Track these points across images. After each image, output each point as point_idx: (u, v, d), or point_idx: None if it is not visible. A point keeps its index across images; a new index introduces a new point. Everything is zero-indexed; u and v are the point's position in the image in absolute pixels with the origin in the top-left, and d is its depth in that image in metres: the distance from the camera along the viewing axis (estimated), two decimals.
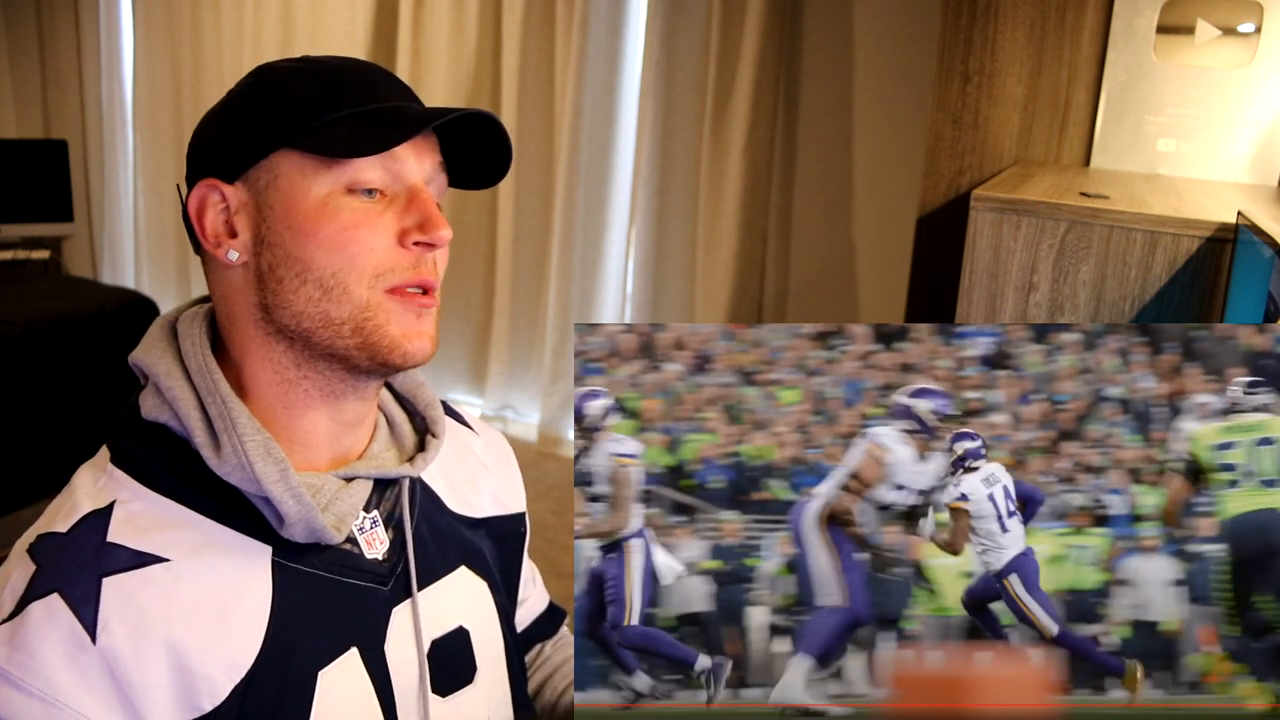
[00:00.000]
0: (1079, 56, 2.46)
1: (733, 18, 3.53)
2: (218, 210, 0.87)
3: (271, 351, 0.88)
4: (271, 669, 0.83)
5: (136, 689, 0.78)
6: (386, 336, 0.86)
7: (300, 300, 0.85)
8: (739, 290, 3.68)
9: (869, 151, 3.52)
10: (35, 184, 4.99)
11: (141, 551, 0.81)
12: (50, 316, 3.53)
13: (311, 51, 0.93)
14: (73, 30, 5.33)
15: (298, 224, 0.84)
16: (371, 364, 0.87)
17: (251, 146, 0.85)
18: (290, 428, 0.89)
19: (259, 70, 0.90)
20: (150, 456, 0.86)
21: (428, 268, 0.87)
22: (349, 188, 0.85)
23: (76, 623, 0.77)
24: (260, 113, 0.86)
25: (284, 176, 0.85)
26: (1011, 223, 1.86)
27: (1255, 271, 1.45)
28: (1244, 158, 2.34)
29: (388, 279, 0.86)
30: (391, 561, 0.93)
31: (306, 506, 0.84)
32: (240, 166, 0.86)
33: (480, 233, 4.35)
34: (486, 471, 1.10)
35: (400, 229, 0.86)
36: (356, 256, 0.84)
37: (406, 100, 0.91)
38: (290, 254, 0.85)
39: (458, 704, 0.97)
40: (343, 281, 0.84)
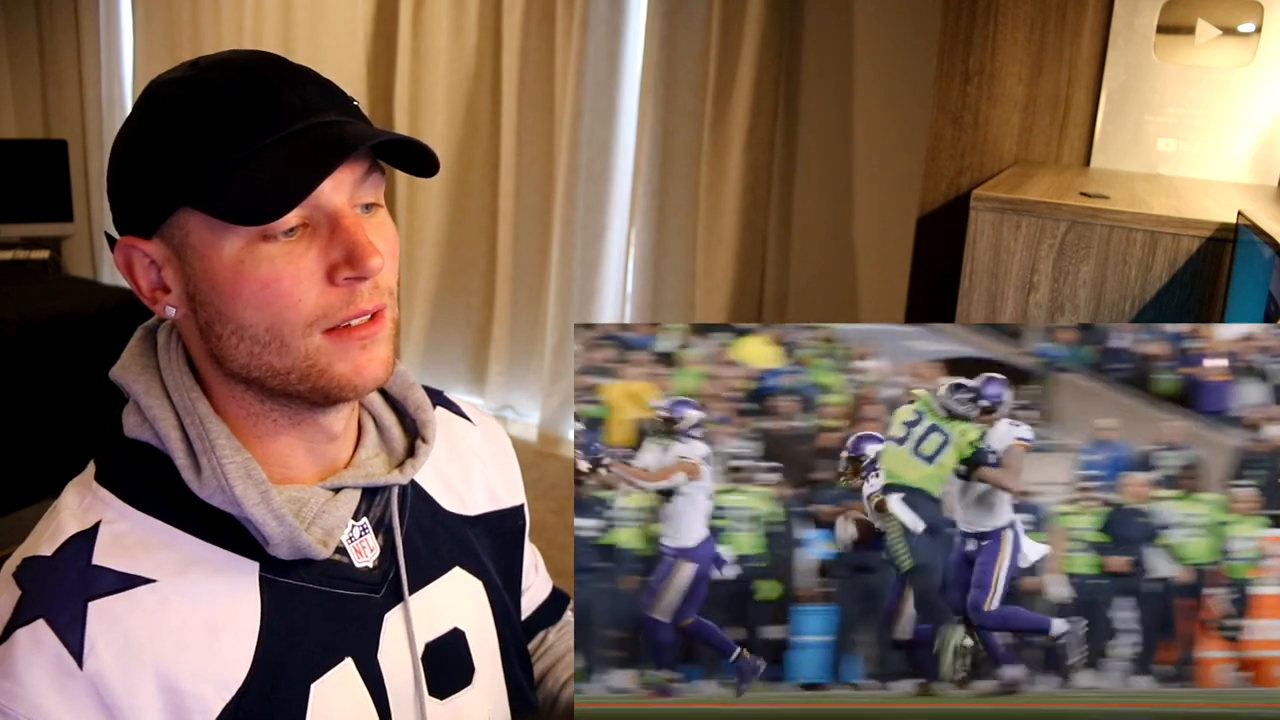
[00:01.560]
0: (1079, 56, 2.46)
1: (733, 18, 3.53)
2: (145, 267, 0.84)
3: (233, 390, 0.86)
4: (263, 685, 0.83)
5: (126, 713, 0.77)
6: (334, 378, 0.83)
7: (243, 355, 0.82)
8: (739, 290, 3.68)
9: (869, 151, 3.52)
10: (35, 184, 4.99)
11: (127, 573, 0.81)
12: (50, 316, 3.53)
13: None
14: (73, 30, 5.33)
15: (219, 284, 0.80)
16: (326, 401, 0.86)
17: (154, 205, 0.81)
18: (265, 451, 0.88)
19: (147, 94, 0.83)
20: (134, 476, 0.85)
21: (364, 298, 0.82)
22: (264, 235, 0.79)
23: (63, 648, 0.77)
24: (154, 165, 0.80)
25: (194, 234, 0.80)
26: (1011, 223, 1.86)
27: (1255, 271, 1.45)
28: (1244, 158, 2.34)
29: (323, 323, 0.81)
30: (383, 568, 0.92)
31: (289, 527, 0.84)
32: (152, 224, 0.82)
33: (480, 233, 4.35)
34: (482, 465, 1.09)
35: (328, 265, 0.80)
36: (285, 310, 0.79)
37: (302, 104, 0.81)
38: (221, 313, 0.81)
39: (456, 705, 0.97)
40: (278, 336, 0.81)
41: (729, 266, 3.66)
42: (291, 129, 0.80)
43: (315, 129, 0.80)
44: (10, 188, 4.91)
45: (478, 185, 4.30)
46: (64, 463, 1.06)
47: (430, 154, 0.85)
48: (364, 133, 0.81)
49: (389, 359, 0.86)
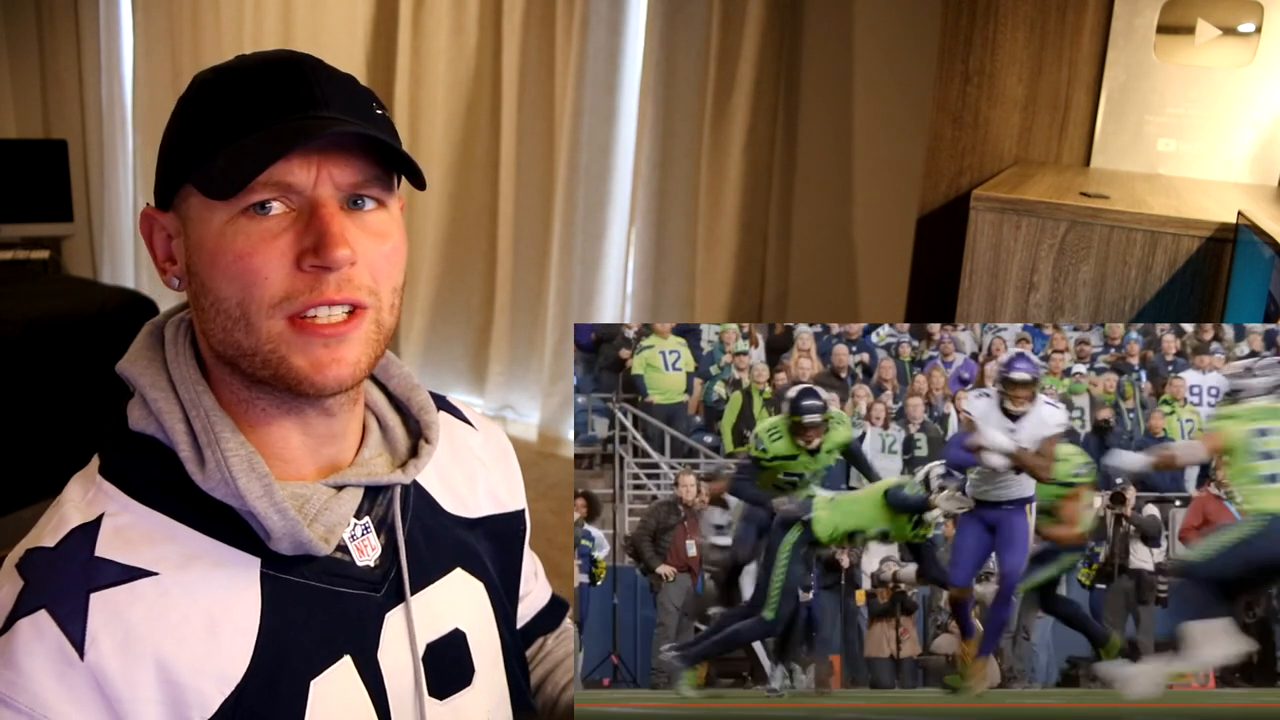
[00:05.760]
0: (1079, 56, 2.45)
1: (733, 18, 3.53)
2: (162, 238, 0.88)
3: (223, 372, 0.87)
4: (262, 680, 0.83)
5: (126, 704, 0.78)
6: (293, 369, 0.83)
7: (218, 330, 0.84)
8: (739, 290, 3.68)
9: (869, 151, 3.52)
10: (35, 184, 5.00)
11: (130, 566, 0.81)
12: (50, 316, 3.53)
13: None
14: (73, 30, 5.33)
15: (205, 254, 0.83)
16: (292, 393, 0.85)
17: (168, 179, 0.86)
18: (262, 441, 0.88)
19: (194, 80, 0.88)
20: (138, 469, 0.86)
21: (330, 287, 0.82)
22: (245, 212, 0.81)
23: (64, 639, 0.77)
24: (173, 142, 0.86)
25: (193, 207, 0.84)
26: (1011, 223, 1.86)
27: (1255, 271, 1.46)
28: (1244, 158, 2.34)
29: (286, 307, 0.81)
30: (384, 568, 0.93)
31: (291, 521, 0.84)
32: (168, 197, 0.86)
33: (480, 233, 4.35)
34: (484, 469, 1.09)
35: (299, 250, 0.81)
36: (252, 286, 0.81)
37: (309, 98, 0.83)
38: (205, 284, 0.84)
39: (455, 706, 0.97)
40: (246, 312, 0.82)
41: (729, 266, 3.66)
42: (284, 117, 0.82)
43: (302, 121, 0.82)
44: (10, 188, 4.91)
45: (478, 185, 4.30)
46: (64, 462, 1.06)
47: (409, 163, 0.85)
48: (329, 128, 0.82)
49: (358, 362, 0.85)
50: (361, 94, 0.87)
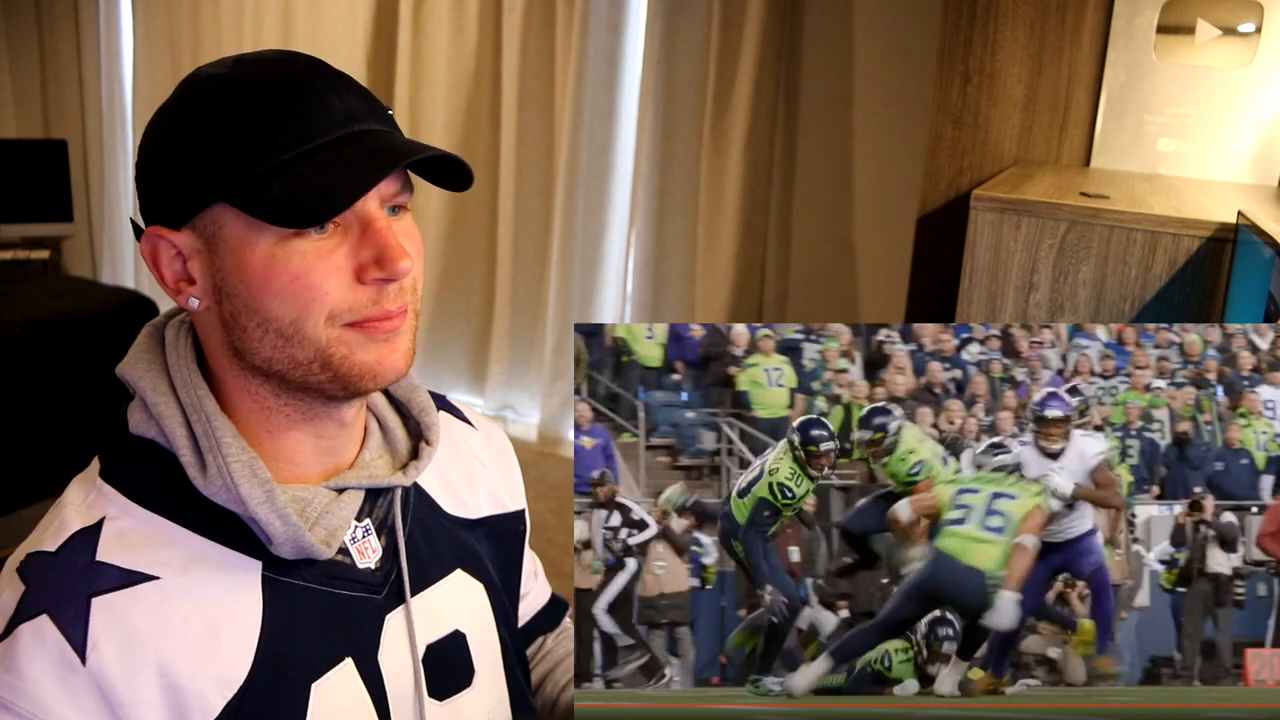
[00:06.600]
0: (1079, 56, 2.46)
1: (733, 18, 3.53)
2: (171, 257, 0.84)
3: (249, 384, 0.87)
4: (264, 684, 0.83)
5: (127, 709, 0.78)
6: (355, 365, 0.84)
7: (266, 348, 0.83)
8: (739, 290, 3.68)
9: (869, 151, 3.52)
10: (35, 184, 5.00)
11: (131, 570, 0.81)
12: (50, 317, 3.53)
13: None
14: (73, 30, 5.33)
15: (250, 277, 0.81)
16: (346, 392, 0.86)
17: (188, 198, 0.81)
18: (275, 447, 0.88)
19: (187, 86, 0.84)
20: (139, 472, 0.86)
21: (390, 299, 0.83)
22: (297, 232, 0.80)
23: (66, 644, 0.77)
24: (192, 160, 0.80)
25: (228, 228, 0.81)
26: (1011, 223, 1.86)
27: (1255, 271, 1.46)
28: (1244, 158, 2.34)
29: (345, 316, 0.82)
30: (384, 569, 0.93)
31: (293, 526, 0.84)
32: (183, 215, 0.82)
33: (480, 233, 4.35)
34: (484, 469, 1.09)
35: (357, 264, 0.82)
36: (311, 303, 0.81)
37: (345, 112, 0.83)
38: (248, 305, 0.82)
39: (455, 707, 0.97)
40: (300, 329, 0.81)
41: (729, 266, 3.66)
42: (335, 136, 0.81)
43: (357, 137, 0.82)
44: (10, 188, 4.91)
45: (478, 185, 4.26)
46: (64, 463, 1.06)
47: (466, 169, 0.87)
48: (406, 146, 0.83)
49: (409, 351, 0.87)
50: (373, 96, 0.88)
